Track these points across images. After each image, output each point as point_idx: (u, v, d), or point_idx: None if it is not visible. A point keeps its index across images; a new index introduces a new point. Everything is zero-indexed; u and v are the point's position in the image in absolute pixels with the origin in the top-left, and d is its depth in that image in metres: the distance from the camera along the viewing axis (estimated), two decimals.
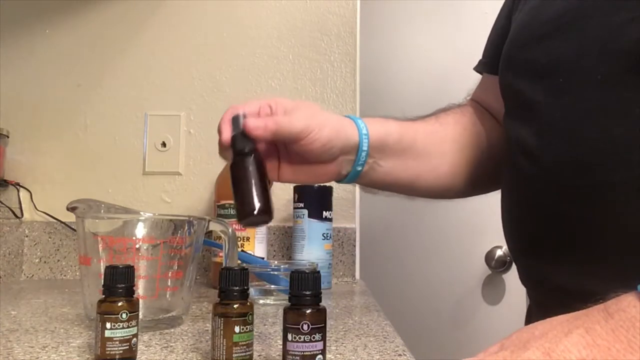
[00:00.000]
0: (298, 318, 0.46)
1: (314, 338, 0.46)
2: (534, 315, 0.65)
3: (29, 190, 1.22)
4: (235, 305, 0.49)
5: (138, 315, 0.52)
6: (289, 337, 0.46)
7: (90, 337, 0.61)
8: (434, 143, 0.71)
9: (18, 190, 1.22)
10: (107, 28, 1.27)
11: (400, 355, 0.56)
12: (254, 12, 1.26)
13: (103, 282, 0.52)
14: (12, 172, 1.22)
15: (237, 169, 0.58)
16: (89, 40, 1.26)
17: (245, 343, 0.49)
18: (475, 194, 0.78)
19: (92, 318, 0.63)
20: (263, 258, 1.06)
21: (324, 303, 0.48)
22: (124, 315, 0.50)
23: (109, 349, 0.49)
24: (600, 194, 0.52)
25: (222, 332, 0.49)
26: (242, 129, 0.58)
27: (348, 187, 1.22)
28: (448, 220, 1.52)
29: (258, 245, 1.06)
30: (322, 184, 1.05)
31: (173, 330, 0.65)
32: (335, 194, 1.13)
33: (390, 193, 0.73)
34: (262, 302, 0.89)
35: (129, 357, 0.50)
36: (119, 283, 0.51)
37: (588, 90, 0.54)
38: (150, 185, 1.24)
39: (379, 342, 0.62)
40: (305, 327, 0.46)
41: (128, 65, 1.26)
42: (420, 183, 0.71)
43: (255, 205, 0.56)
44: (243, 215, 0.57)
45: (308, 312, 0.46)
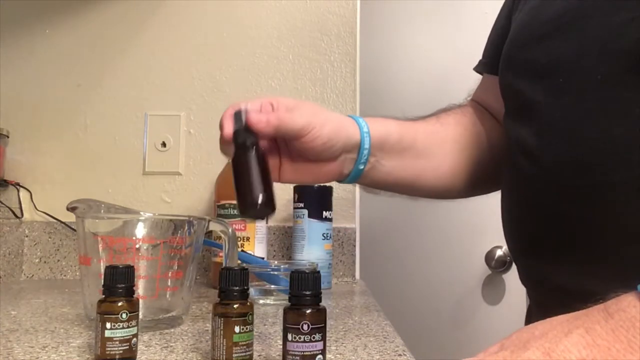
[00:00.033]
0: (298, 318, 0.46)
1: (314, 338, 0.46)
2: (534, 315, 0.65)
3: (29, 190, 1.22)
4: (235, 305, 0.49)
5: (138, 315, 0.52)
6: (289, 337, 0.46)
7: (90, 337, 0.61)
8: (435, 143, 0.71)
9: (18, 190, 1.22)
10: (107, 28, 1.27)
11: (400, 355, 0.56)
12: (254, 12, 1.26)
13: (103, 282, 0.52)
14: (12, 172, 1.22)
15: (239, 162, 0.58)
16: (89, 40, 1.27)
17: (245, 343, 0.49)
18: (476, 194, 0.78)
19: (92, 318, 0.63)
20: (263, 258, 1.06)
21: (324, 303, 0.48)
22: (124, 315, 0.50)
23: (109, 349, 0.49)
24: (600, 194, 0.52)
25: (222, 332, 0.49)
26: (244, 124, 0.58)
27: (348, 187, 1.22)
28: (448, 220, 1.52)
29: (258, 245, 1.06)
30: (322, 184, 1.05)
31: (173, 330, 0.65)
32: (335, 194, 1.13)
33: (392, 193, 0.73)
34: (262, 302, 0.89)
35: (129, 357, 0.50)
36: (119, 283, 0.51)
37: (588, 90, 0.54)
38: (150, 185, 1.24)
39: (379, 342, 0.62)
40: (305, 327, 0.46)
41: (128, 65, 1.26)
42: (422, 183, 0.71)
43: (258, 198, 0.55)
44: (245, 208, 0.56)
45: (308, 312, 0.46)
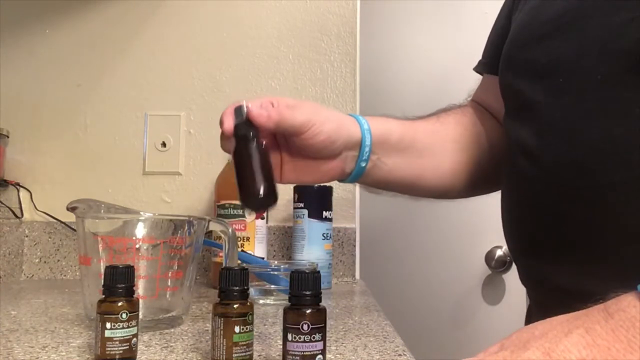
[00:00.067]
0: (298, 318, 0.46)
1: (314, 338, 0.46)
2: (534, 315, 0.65)
3: (29, 190, 1.22)
4: (235, 305, 0.49)
5: (138, 315, 0.52)
6: (289, 337, 0.46)
7: (90, 337, 0.61)
8: (436, 142, 0.71)
9: (18, 190, 1.22)
10: (107, 28, 1.27)
11: (400, 355, 0.56)
12: (254, 12, 1.26)
13: (103, 282, 0.52)
14: (12, 172, 1.22)
15: (240, 154, 0.57)
16: (89, 40, 1.27)
17: (245, 343, 0.49)
18: (476, 194, 0.78)
19: (92, 318, 0.63)
20: (263, 258, 1.06)
21: (324, 303, 0.48)
22: (124, 315, 0.50)
23: (109, 349, 0.49)
24: (601, 194, 0.52)
25: (222, 332, 0.49)
26: (245, 118, 0.58)
27: (348, 187, 1.22)
28: (448, 220, 1.52)
29: (258, 245, 1.06)
30: (322, 184, 1.05)
31: (173, 330, 0.65)
32: (335, 194, 1.13)
33: (394, 193, 0.73)
34: (262, 302, 0.89)
35: (129, 357, 0.50)
36: (119, 283, 0.51)
37: (588, 91, 0.54)
38: (150, 185, 1.24)
39: (379, 342, 0.62)
40: (305, 327, 0.46)
41: (128, 65, 1.26)
42: (423, 182, 0.71)
43: (260, 188, 0.54)
44: (247, 199, 0.55)
45: (308, 312, 0.46)
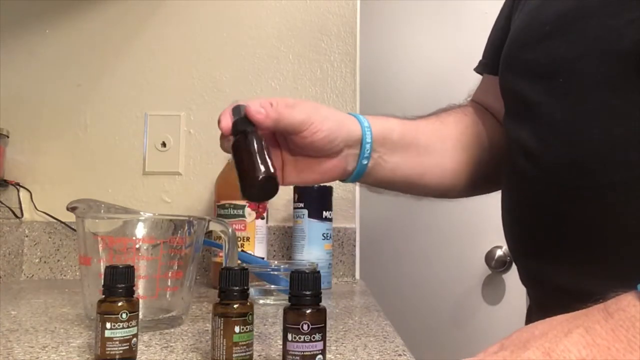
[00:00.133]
0: (298, 318, 0.46)
1: (314, 338, 0.46)
2: (534, 315, 0.65)
3: (29, 190, 1.22)
4: (235, 305, 0.49)
5: (138, 315, 0.52)
6: (289, 337, 0.46)
7: (90, 337, 0.61)
8: (437, 140, 0.71)
9: (18, 190, 1.22)
10: (107, 28, 1.27)
11: (400, 355, 0.56)
12: (254, 12, 1.26)
13: (103, 282, 0.52)
14: (12, 172, 1.22)
15: (238, 146, 0.57)
16: (89, 40, 1.27)
17: (245, 343, 0.49)
18: (476, 194, 0.78)
19: (92, 318, 0.63)
20: (263, 258, 1.06)
21: (324, 303, 0.48)
22: (124, 315, 0.50)
23: (109, 349, 0.49)
24: (601, 195, 0.52)
25: (222, 332, 0.49)
26: (243, 115, 0.58)
27: (348, 187, 1.22)
28: (448, 220, 1.52)
29: (258, 245, 1.06)
30: (322, 184, 1.05)
31: (173, 330, 0.65)
32: (335, 194, 1.13)
33: (395, 192, 0.73)
34: (262, 302, 0.89)
35: (129, 357, 0.50)
36: (119, 283, 0.51)
37: (588, 91, 0.54)
38: (150, 185, 1.24)
39: (379, 342, 0.62)
40: (305, 327, 0.46)
41: (128, 65, 1.26)
42: (424, 181, 0.71)
43: (259, 177, 0.53)
44: (246, 188, 0.54)
45: (308, 312, 0.46)
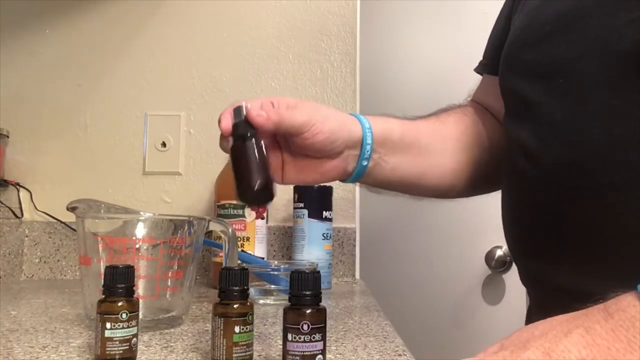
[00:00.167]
0: (298, 318, 0.46)
1: (314, 338, 0.46)
2: (534, 315, 0.65)
3: (29, 190, 1.22)
4: (235, 305, 0.49)
5: (138, 315, 0.52)
6: (289, 337, 0.46)
7: (90, 337, 0.61)
8: (437, 140, 0.71)
9: (18, 190, 1.22)
10: (107, 28, 1.27)
11: (400, 355, 0.56)
12: (254, 12, 1.26)
13: (103, 282, 0.52)
14: (12, 172, 1.22)
15: (237, 151, 0.57)
16: (89, 40, 1.27)
17: (245, 343, 0.49)
18: (476, 194, 0.78)
19: (92, 318, 0.63)
20: (263, 258, 1.06)
21: (324, 303, 0.48)
22: (124, 315, 0.50)
23: (109, 349, 0.49)
24: (601, 195, 0.52)
25: (222, 332, 0.49)
26: (243, 118, 0.58)
27: (348, 187, 1.22)
28: (448, 220, 1.52)
29: (258, 245, 1.06)
30: (322, 184, 1.05)
31: (173, 330, 0.65)
32: (335, 194, 1.13)
33: (395, 193, 0.73)
34: (262, 302, 0.89)
35: (129, 357, 0.50)
36: (119, 283, 0.51)
37: (588, 91, 0.54)
38: (150, 185, 1.24)
39: (379, 342, 0.62)
40: (305, 327, 0.46)
41: (128, 65, 1.26)
42: (424, 181, 0.71)
43: (256, 183, 0.55)
44: (242, 193, 0.56)
45: (308, 312, 0.46)
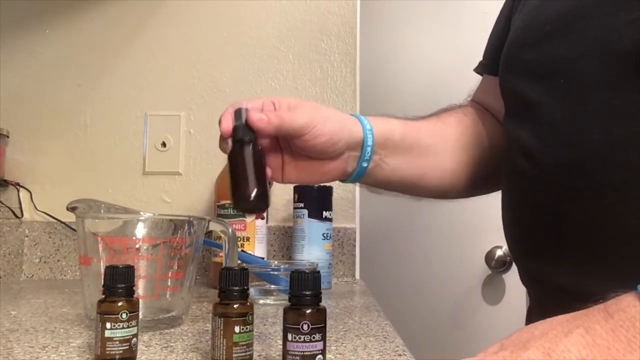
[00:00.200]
0: (298, 318, 0.46)
1: (314, 338, 0.46)
2: (534, 315, 0.65)
3: (29, 190, 1.22)
4: (235, 305, 0.49)
5: (138, 315, 0.52)
6: (289, 337, 0.46)
7: (90, 337, 0.61)
8: (438, 141, 0.71)
9: (18, 190, 1.22)
10: (107, 28, 1.27)
11: (400, 355, 0.56)
12: (254, 12, 1.26)
13: (103, 282, 0.52)
14: (12, 172, 1.22)
15: (235, 157, 0.58)
16: (89, 40, 1.27)
17: (245, 343, 0.49)
18: (477, 194, 0.78)
19: (92, 318, 0.63)
20: (263, 258, 1.06)
21: (324, 303, 0.48)
22: (124, 315, 0.50)
23: (109, 349, 0.49)
24: (601, 195, 0.52)
25: (222, 332, 0.49)
26: (244, 121, 0.58)
27: (348, 187, 1.22)
28: (448, 221, 1.52)
29: (258, 245, 1.06)
30: (322, 184, 1.05)
31: (173, 330, 0.65)
32: (335, 194, 1.13)
33: (396, 193, 0.73)
34: (262, 302, 0.89)
35: (129, 357, 0.50)
36: (119, 283, 0.51)
37: (588, 91, 0.54)
38: (150, 185, 1.24)
39: (379, 342, 0.62)
40: (305, 327, 0.46)
41: (128, 65, 1.26)
42: (425, 182, 0.71)
43: (252, 192, 0.55)
44: (238, 201, 0.56)
45: (308, 312, 0.46)
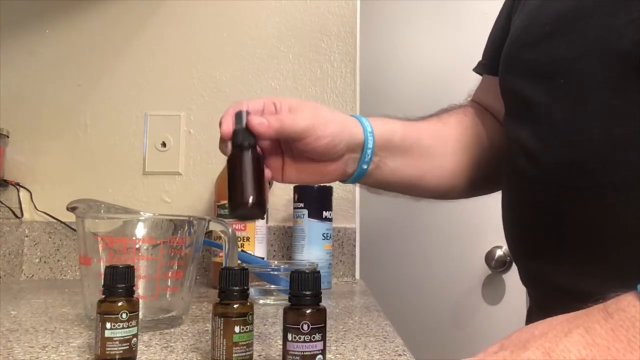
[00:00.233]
0: (298, 318, 0.46)
1: (314, 338, 0.46)
2: (534, 315, 0.65)
3: (29, 190, 1.22)
4: (235, 305, 0.49)
5: (138, 315, 0.52)
6: (289, 337, 0.46)
7: (90, 337, 0.61)
8: (438, 142, 0.71)
9: (18, 190, 1.22)
10: (107, 28, 1.27)
11: (400, 355, 0.56)
12: (254, 12, 1.26)
13: (103, 282, 0.52)
14: (12, 172, 1.22)
15: (234, 162, 0.58)
16: (89, 40, 1.27)
17: (245, 343, 0.49)
18: (477, 195, 0.78)
19: (92, 318, 0.63)
20: (263, 258, 1.06)
21: (324, 303, 0.48)
22: (124, 315, 0.50)
23: (109, 349, 0.49)
24: (601, 195, 0.52)
25: (222, 332, 0.49)
26: (244, 125, 0.58)
27: (348, 187, 1.22)
28: (448, 221, 1.52)
29: (258, 245, 1.06)
30: (322, 184, 1.05)
31: (173, 330, 0.65)
32: (335, 194, 1.13)
33: (396, 194, 0.73)
34: (262, 302, 0.89)
35: (129, 357, 0.50)
36: (119, 283, 0.51)
37: (589, 92, 0.54)
38: (150, 185, 1.24)
39: (379, 342, 0.62)
40: (305, 327, 0.46)
41: (128, 65, 1.26)
42: (425, 182, 0.71)
43: (249, 198, 0.55)
44: (234, 207, 0.56)
45: (308, 312, 0.46)
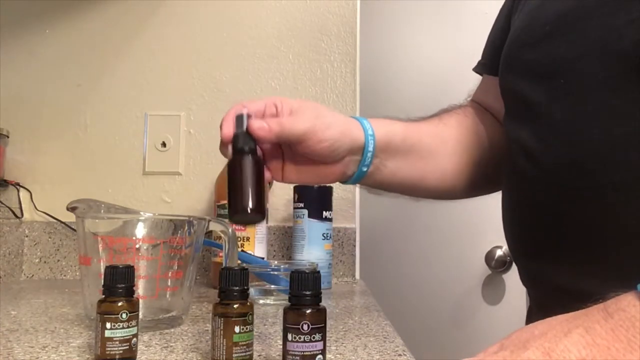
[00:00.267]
0: (298, 318, 0.46)
1: (314, 338, 0.46)
2: (534, 315, 0.65)
3: (29, 190, 1.22)
4: (235, 305, 0.49)
5: (138, 315, 0.52)
6: (289, 337, 0.46)
7: (90, 337, 0.61)
8: (438, 143, 0.71)
9: (18, 190, 1.22)
10: (107, 28, 1.27)
11: (400, 355, 0.56)
12: (254, 12, 1.26)
13: (103, 282, 0.52)
14: (12, 172, 1.22)
15: (235, 166, 0.58)
16: (89, 40, 1.27)
17: (245, 343, 0.49)
18: (477, 195, 0.78)
19: (92, 318, 0.63)
20: (263, 258, 1.06)
21: (324, 303, 0.48)
22: (124, 315, 0.50)
23: (109, 349, 0.49)
24: (601, 195, 0.52)
25: (222, 332, 0.49)
26: (245, 128, 0.58)
27: (348, 187, 1.22)
28: (448, 221, 1.52)
29: (258, 245, 1.06)
30: (322, 184, 1.05)
31: (173, 330, 0.65)
32: (335, 194, 1.13)
33: (395, 194, 0.73)
34: (262, 302, 0.89)
35: (129, 357, 0.50)
36: (119, 283, 0.51)
37: (589, 92, 0.54)
38: (150, 185, 1.24)
39: (379, 342, 0.62)
40: (305, 327, 0.46)
41: (128, 65, 1.26)
42: (425, 183, 0.71)
43: (248, 203, 0.55)
44: (234, 212, 0.56)
45: (308, 312, 0.46)
